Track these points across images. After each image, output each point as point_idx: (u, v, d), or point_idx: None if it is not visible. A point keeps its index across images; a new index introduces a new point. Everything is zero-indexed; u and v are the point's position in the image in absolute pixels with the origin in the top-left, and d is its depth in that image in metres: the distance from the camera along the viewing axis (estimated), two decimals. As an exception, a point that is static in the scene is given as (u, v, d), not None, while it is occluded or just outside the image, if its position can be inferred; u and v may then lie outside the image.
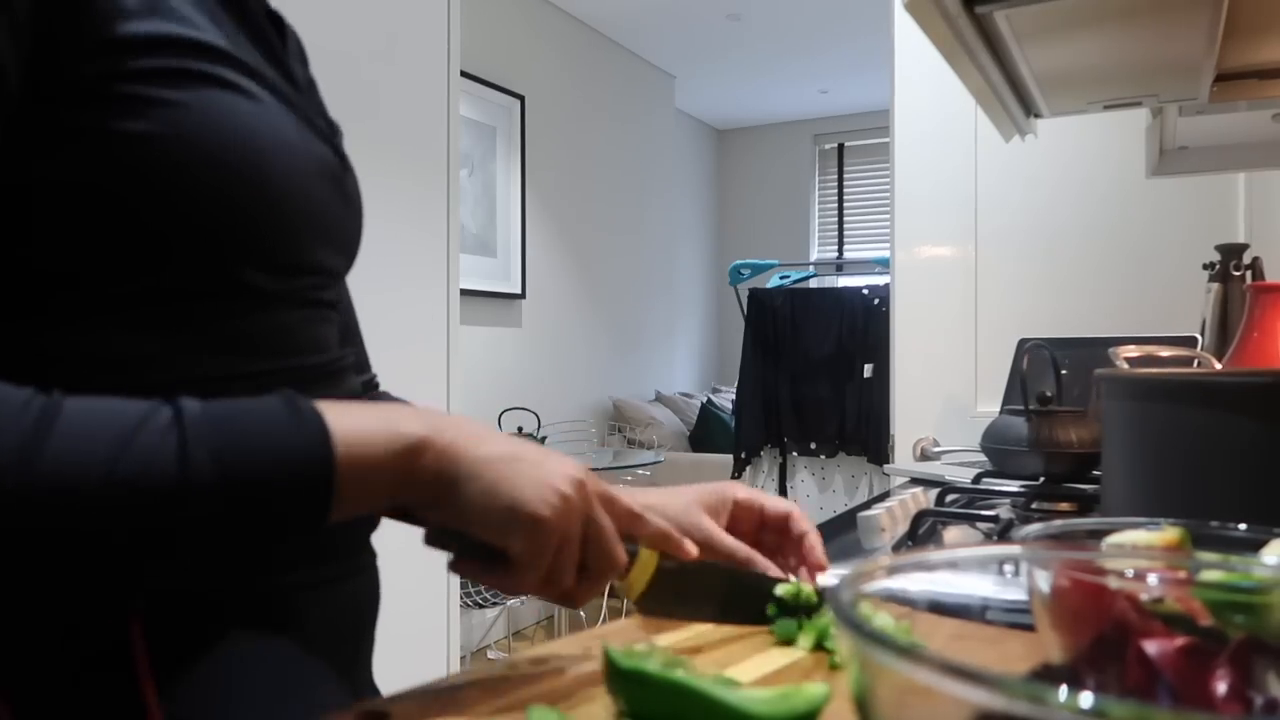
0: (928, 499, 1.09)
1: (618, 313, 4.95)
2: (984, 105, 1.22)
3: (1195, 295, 1.63)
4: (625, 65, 5.06)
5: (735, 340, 4.43)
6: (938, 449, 1.77)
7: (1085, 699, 0.21)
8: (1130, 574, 0.38)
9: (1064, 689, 0.22)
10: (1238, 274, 1.46)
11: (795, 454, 3.94)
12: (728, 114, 6.29)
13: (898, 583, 0.36)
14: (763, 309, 4.00)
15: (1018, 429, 1.15)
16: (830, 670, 0.53)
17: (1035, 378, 1.18)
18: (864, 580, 0.34)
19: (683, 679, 0.41)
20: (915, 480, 1.40)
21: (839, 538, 1.01)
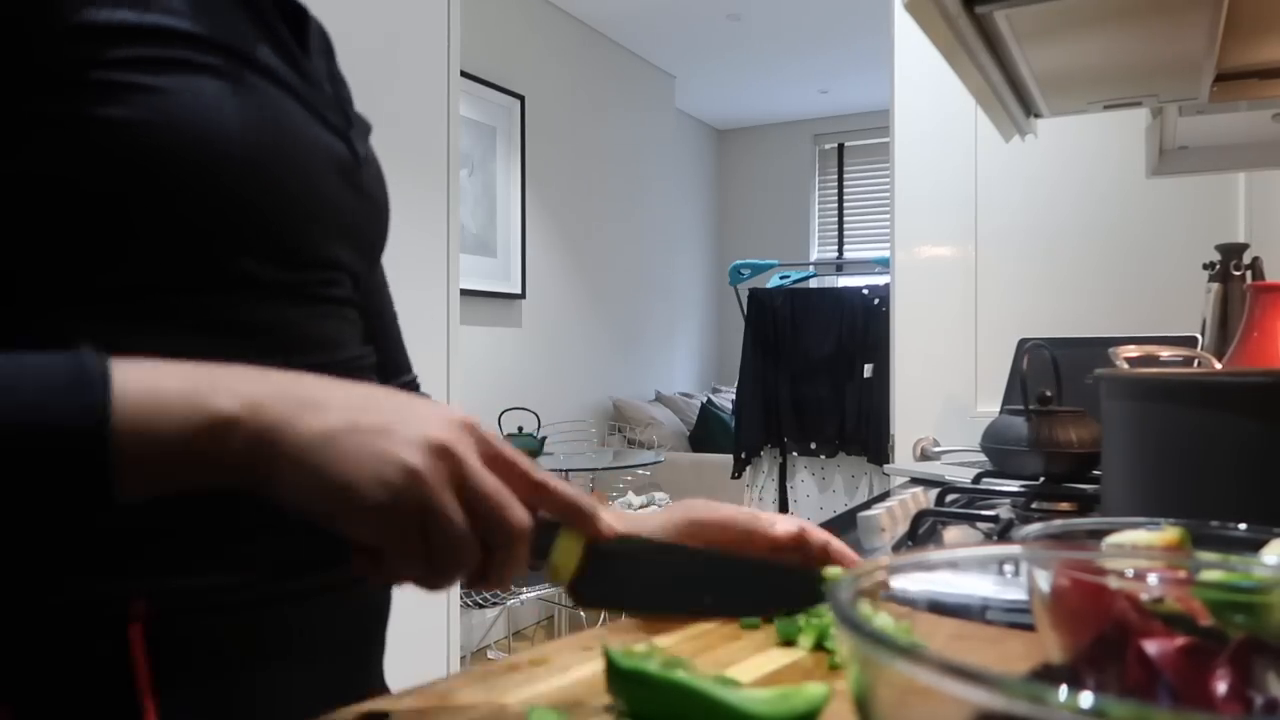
0: (928, 499, 1.09)
1: (618, 313, 4.95)
2: (984, 105, 1.22)
3: (1195, 295, 1.63)
4: (625, 65, 5.06)
5: (735, 340, 4.43)
6: (938, 449, 1.77)
7: (1085, 699, 0.21)
8: (1130, 574, 0.38)
9: (1064, 689, 0.22)
10: (1238, 274, 1.46)
11: (795, 454, 3.94)
12: (728, 114, 6.29)
13: (898, 583, 0.36)
14: (763, 309, 4.00)
15: (1018, 429, 1.15)
16: (830, 670, 0.53)
17: (1035, 378, 1.18)
18: (864, 580, 0.34)
19: (683, 679, 0.41)
20: (915, 480, 1.40)
21: (839, 538, 1.01)
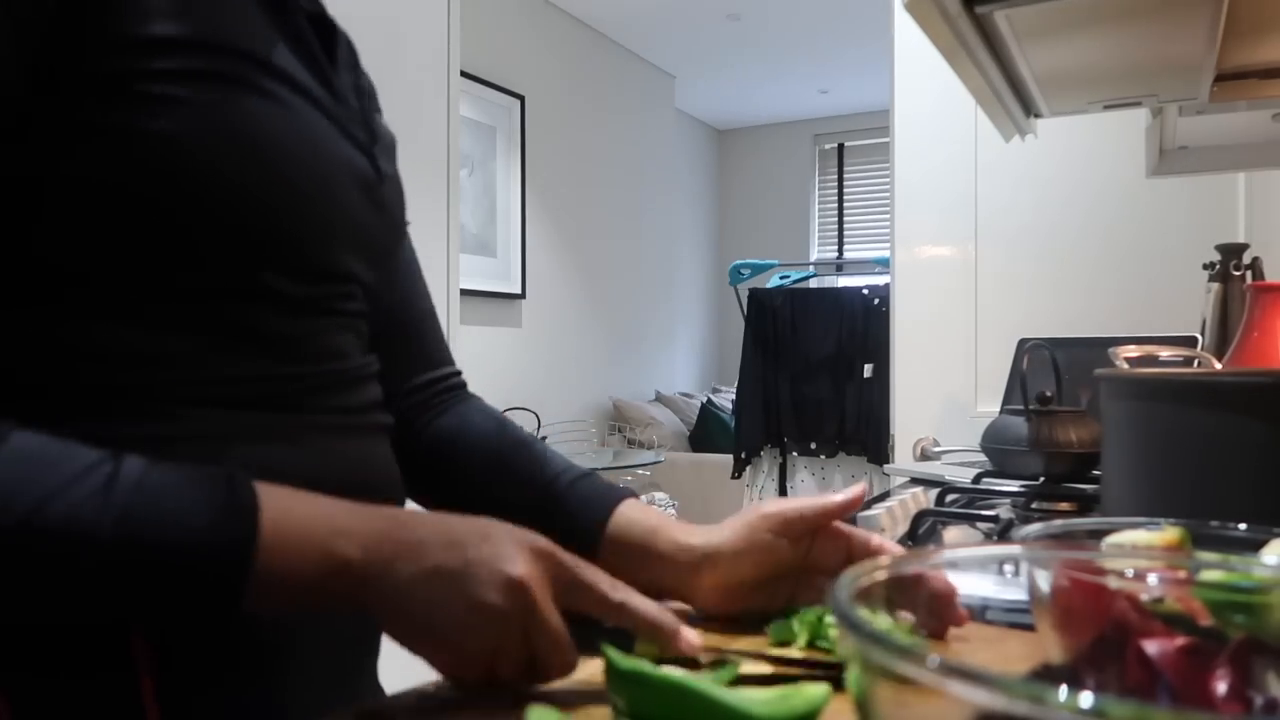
0: (928, 499, 1.09)
1: (618, 313, 4.95)
2: (984, 105, 1.22)
3: (1195, 295, 1.63)
4: (625, 65, 5.06)
5: (735, 340, 4.43)
6: (938, 449, 1.77)
7: (1085, 699, 0.21)
8: (1130, 574, 0.38)
9: (1064, 689, 0.22)
10: (1238, 274, 1.46)
11: (795, 454, 3.94)
12: (728, 114, 6.29)
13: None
14: (763, 309, 4.00)
15: (1018, 429, 1.15)
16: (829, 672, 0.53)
17: (1035, 378, 1.18)
18: (864, 580, 0.34)
19: (683, 679, 0.41)
20: (915, 480, 1.40)
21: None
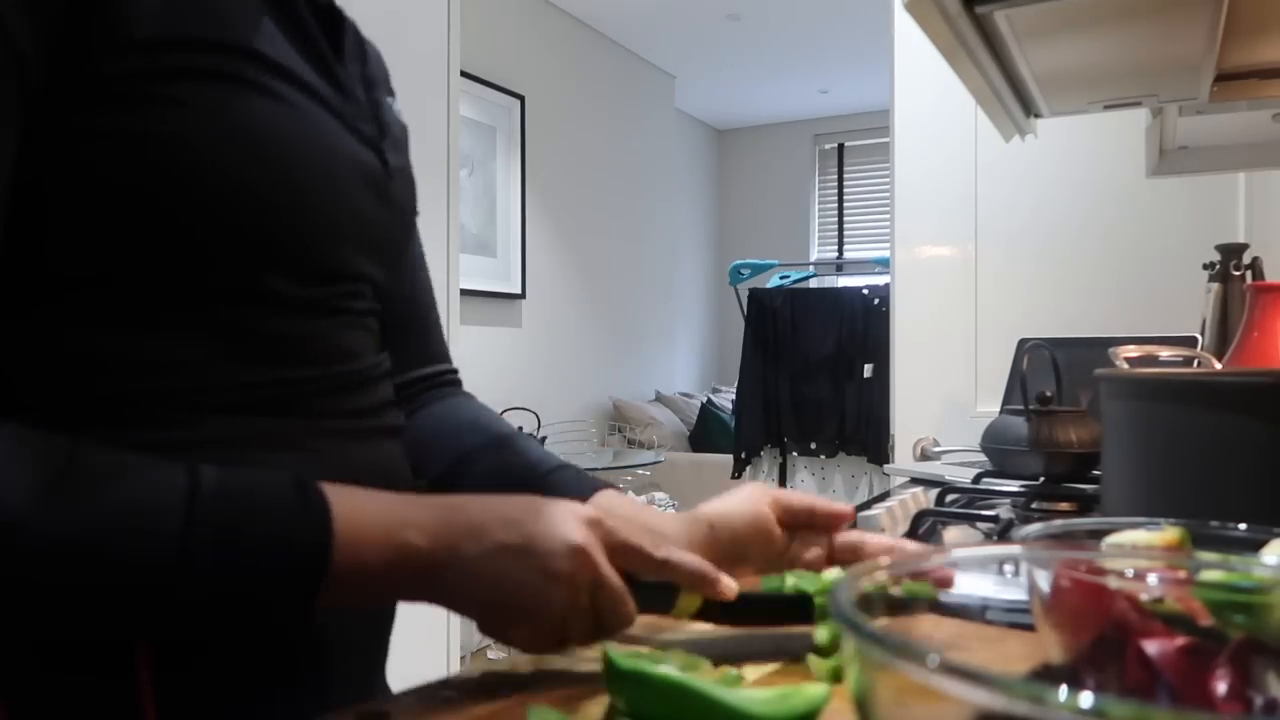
0: (928, 499, 1.09)
1: (618, 313, 4.95)
2: (984, 105, 1.22)
3: (1195, 295, 1.63)
4: (625, 65, 5.06)
5: (735, 340, 4.43)
6: (938, 449, 1.77)
7: (1085, 699, 0.21)
8: (1130, 574, 0.38)
9: (1064, 689, 0.22)
10: (1238, 274, 1.46)
11: (795, 454, 3.94)
12: (728, 114, 6.29)
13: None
14: (762, 309, 4.00)
15: (1018, 429, 1.15)
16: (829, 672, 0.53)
17: (1035, 378, 1.18)
18: (864, 580, 0.34)
19: (682, 679, 0.41)
20: (915, 480, 1.40)
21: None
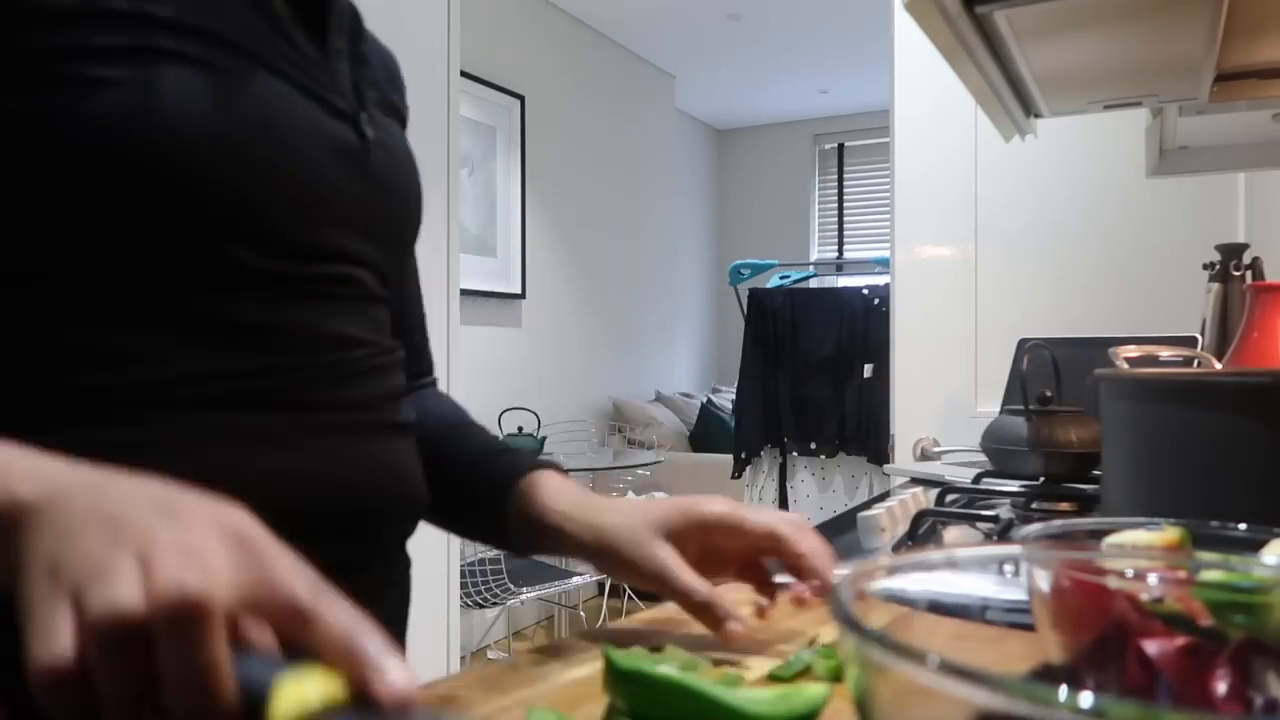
0: (928, 499, 1.09)
1: (618, 313, 4.95)
2: (984, 105, 1.22)
3: (1195, 295, 1.63)
4: (625, 65, 5.06)
5: (735, 340, 4.43)
6: (938, 449, 1.77)
7: (1085, 699, 0.21)
8: (1130, 574, 0.38)
9: (1064, 689, 0.22)
10: (1238, 274, 1.46)
11: (795, 454, 3.94)
12: (728, 114, 6.29)
13: (898, 582, 0.36)
14: (763, 309, 4.00)
15: (1018, 429, 1.15)
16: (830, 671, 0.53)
17: (1035, 378, 1.18)
18: (864, 580, 0.34)
19: (682, 679, 0.41)
20: (915, 480, 1.40)
21: (839, 538, 1.01)
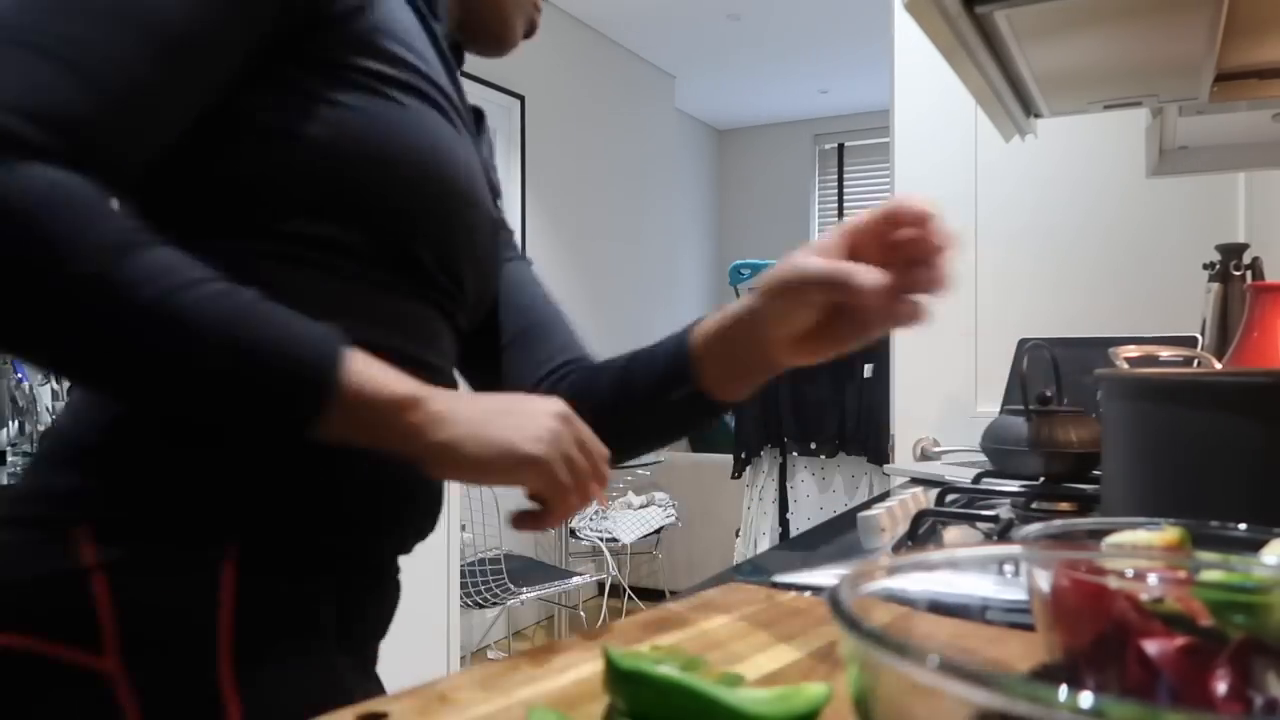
0: (928, 499, 1.09)
1: (618, 312, 4.95)
2: (984, 105, 1.22)
3: (1195, 295, 1.63)
4: (625, 65, 5.06)
5: (735, 340, 4.42)
6: (938, 449, 1.77)
7: (1085, 699, 0.21)
8: (1130, 574, 0.38)
9: (1064, 689, 0.22)
10: (1238, 274, 1.46)
11: (795, 454, 3.94)
12: (728, 114, 6.28)
13: (898, 583, 0.36)
14: (763, 309, 4.00)
15: (1018, 429, 1.15)
16: (830, 670, 0.53)
17: (1035, 378, 1.18)
18: (864, 580, 0.34)
19: (682, 679, 0.41)
20: (915, 480, 1.40)
21: (839, 538, 1.01)
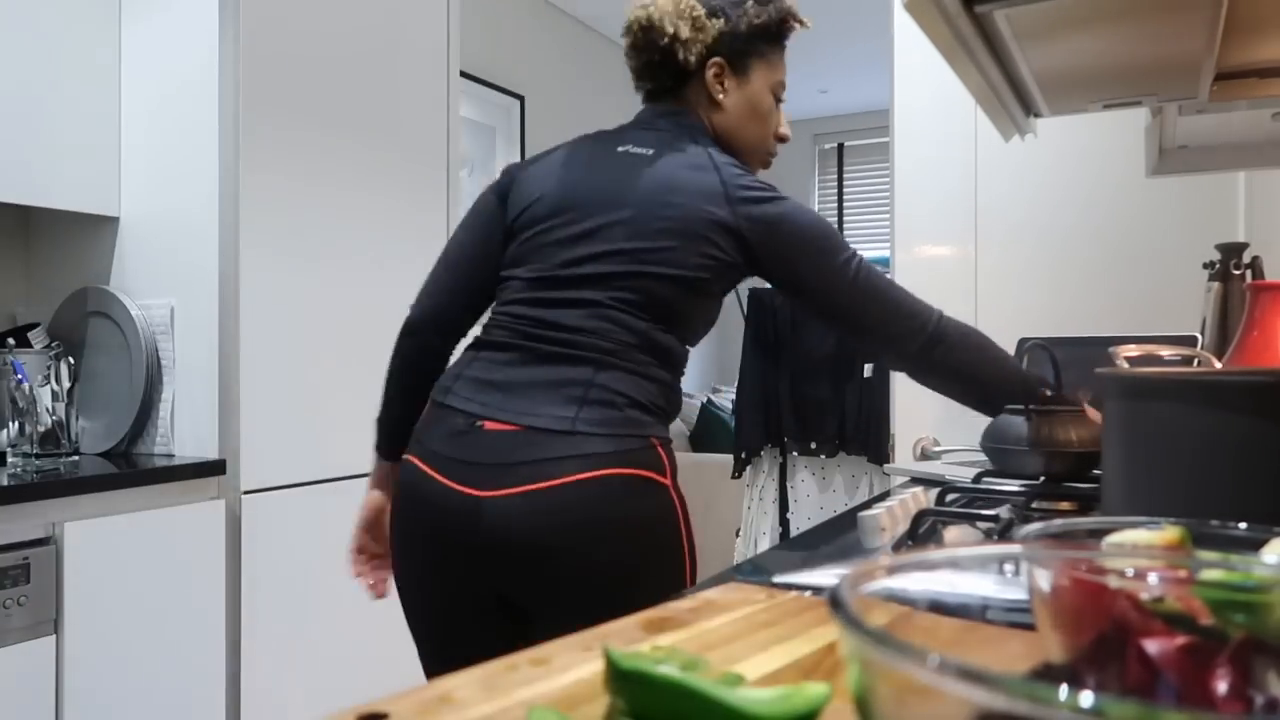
0: (928, 499, 1.09)
1: (618, 313, 4.94)
2: (984, 105, 1.22)
3: (1195, 294, 1.63)
4: (625, 65, 5.05)
5: (735, 340, 4.43)
6: (938, 449, 1.77)
7: (1085, 698, 0.21)
8: (1130, 573, 0.37)
9: (1064, 689, 0.22)
10: (1238, 273, 1.46)
11: (795, 454, 3.94)
12: (727, 114, 6.27)
13: (898, 582, 0.36)
14: (763, 309, 4.00)
15: (1018, 428, 1.15)
16: (830, 670, 0.53)
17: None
18: (864, 580, 0.34)
19: (682, 679, 0.41)
20: (915, 480, 1.40)
21: (839, 538, 1.01)
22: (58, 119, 2.02)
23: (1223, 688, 0.32)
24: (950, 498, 1.08)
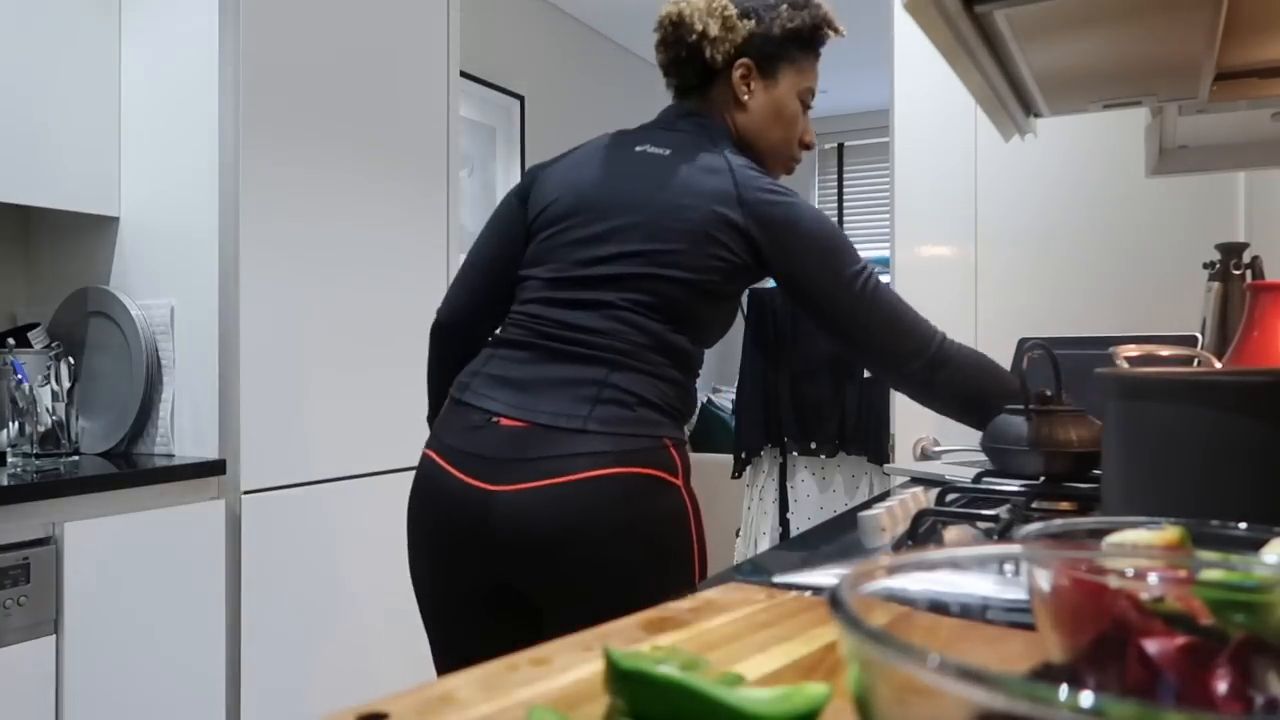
0: (928, 499, 1.09)
1: (618, 313, 4.94)
2: (984, 105, 1.22)
3: (1195, 294, 1.63)
4: (625, 65, 5.06)
5: (735, 340, 4.42)
6: (938, 449, 1.77)
7: (1085, 698, 0.21)
8: (1130, 573, 0.37)
9: (1064, 688, 0.22)
10: (1237, 273, 1.46)
11: (795, 454, 3.94)
12: (727, 114, 6.27)
13: (898, 582, 0.36)
14: (763, 309, 4.00)
15: (1018, 428, 1.15)
16: (830, 670, 0.53)
17: (1035, 378, 1.18)
18: (864, 580, 0.34)
19: (682, 679, 0.41)
20: (915, 480, 1.40)
21: (839, 538, 1.01)
22: (58, 119, 2.02)
23: (1223, 688, 0.32)
24: (950, 498, 1.08)
